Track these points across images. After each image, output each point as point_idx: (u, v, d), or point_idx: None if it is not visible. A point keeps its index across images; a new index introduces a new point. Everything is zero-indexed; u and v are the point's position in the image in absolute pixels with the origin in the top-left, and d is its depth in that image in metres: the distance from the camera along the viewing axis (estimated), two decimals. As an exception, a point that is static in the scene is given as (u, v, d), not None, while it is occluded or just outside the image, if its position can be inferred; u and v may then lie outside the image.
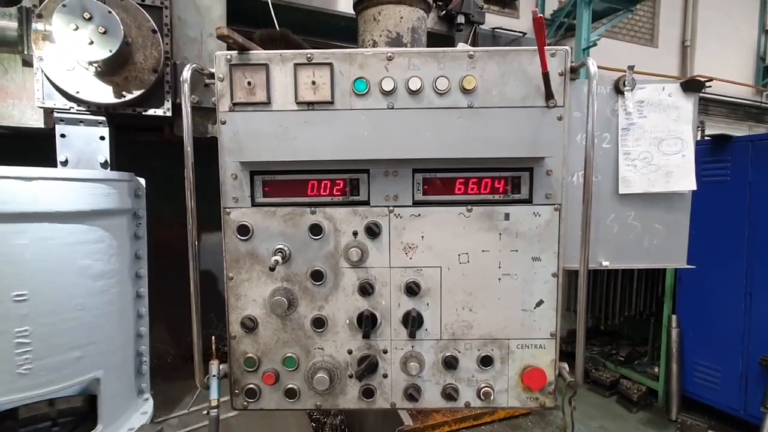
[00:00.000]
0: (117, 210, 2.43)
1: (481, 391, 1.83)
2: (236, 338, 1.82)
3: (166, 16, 2.95)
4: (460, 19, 4.50)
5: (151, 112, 2.94)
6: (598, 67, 1.60)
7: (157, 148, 3.89)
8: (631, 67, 1.73)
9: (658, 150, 1.79)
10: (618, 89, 1.78)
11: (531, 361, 1.84)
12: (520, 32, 5.05)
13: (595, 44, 9.88)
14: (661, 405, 5.39)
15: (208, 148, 1.95)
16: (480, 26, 4.80)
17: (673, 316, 5.25)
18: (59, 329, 1.95)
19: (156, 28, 2.82)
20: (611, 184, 1.85)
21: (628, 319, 6.12)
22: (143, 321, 2.66)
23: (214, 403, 1.71)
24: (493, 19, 4.98)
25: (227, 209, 1.78)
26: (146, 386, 2.65)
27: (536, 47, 1.56)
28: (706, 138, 5.06)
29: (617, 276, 6.04)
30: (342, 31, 4.38)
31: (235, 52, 1.69)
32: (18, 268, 1.82)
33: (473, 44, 4.72)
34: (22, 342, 1.79)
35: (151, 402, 2.66)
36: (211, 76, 1.71)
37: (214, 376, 1.75)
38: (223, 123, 1.71)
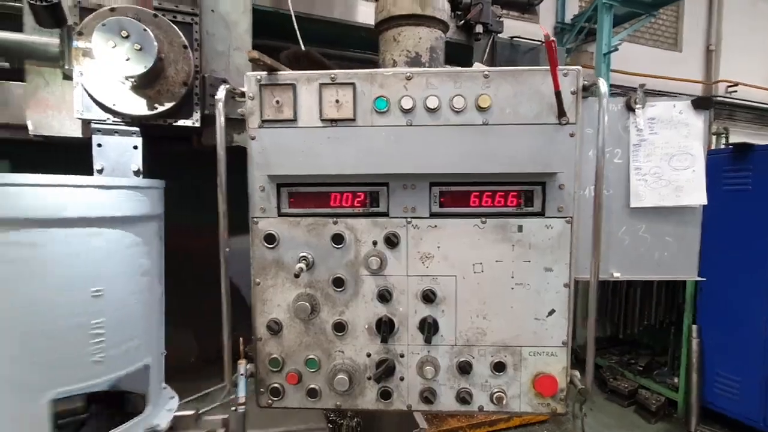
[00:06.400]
0: (151, 215, 2.58)
1: (494, 395, 1.90)
2: (262, 340, 1.93)
3: (196, 32, 3.10)
4: (479, 28, 4.56)
5: (181, 122, 3.09)
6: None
7: (186, 157, 4.05)
8: (642, 86, 1.78)
9: (669, 165, 1.84)
10: (629, 107, 1.84)
11: (543, 368, 1.90)
12: (538, 41, 5.07)
13: (616, 49, 9.69)
14: (681, 416, 5.32)
15: (231, 156, 2.06)
16: (498, 35, 4.86)
17: (694, 326, 5.19)
18: (125, 320, 2.16)
19: (186, 44, 2.97)
20: (623, 197, 1.90)
21: (647, 328, 6.06)
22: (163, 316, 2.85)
23: (241, 400, 1.83)
24: (512, 25, 5.02)
25: (255, 219, 1.90)
26: (162, 377, 2.87)
27: (549, 67, 1.64)
28: (729, 146, 5.01)
29: (637, 285, 5.99)
30: (361, 42, 4.50)
31: (265, 72, 1.81)
32: (94, 266, 2.04)
33: (491, 53, 4.78)
34: (98, 332, 2.01)
35: (171, 391, 2.82)
36: (242, 95, 1.84)
37: (242, 374, 1.86)
38: (253, 139, 1.83)
